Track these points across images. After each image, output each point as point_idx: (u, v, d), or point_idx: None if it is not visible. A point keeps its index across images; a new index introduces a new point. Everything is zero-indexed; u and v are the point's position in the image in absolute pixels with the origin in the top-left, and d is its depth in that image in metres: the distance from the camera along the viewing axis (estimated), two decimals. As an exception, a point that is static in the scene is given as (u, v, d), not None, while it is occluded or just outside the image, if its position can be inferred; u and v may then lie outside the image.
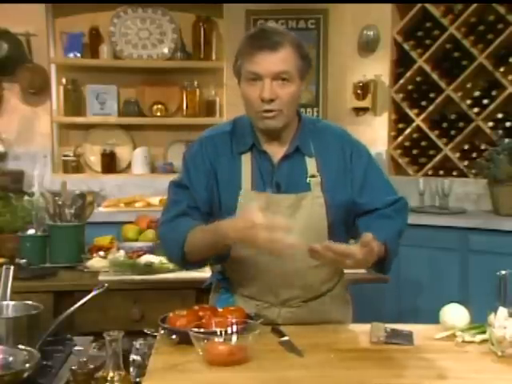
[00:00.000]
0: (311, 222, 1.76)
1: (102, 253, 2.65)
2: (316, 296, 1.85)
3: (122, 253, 2.59)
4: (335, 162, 1.81)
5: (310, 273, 1.79)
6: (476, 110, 4.12)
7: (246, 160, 1.79)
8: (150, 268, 2.46)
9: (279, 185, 1.77)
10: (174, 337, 1.59)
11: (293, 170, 1.79)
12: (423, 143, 4.36)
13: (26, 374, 1.40)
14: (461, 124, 4.21)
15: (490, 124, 4.09)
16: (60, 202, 2.60)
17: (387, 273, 1.81)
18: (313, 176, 1.78)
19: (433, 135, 4.29)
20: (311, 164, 1.79)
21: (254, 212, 1.56)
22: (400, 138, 4.42)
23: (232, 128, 1.84)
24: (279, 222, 1.57)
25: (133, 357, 1.55)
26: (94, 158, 4.64)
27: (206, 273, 2.25)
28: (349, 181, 1.81)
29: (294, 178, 1.78)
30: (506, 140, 3.86)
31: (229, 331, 1.52)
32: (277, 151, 1.80)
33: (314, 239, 1.65)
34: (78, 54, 4.48)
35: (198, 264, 1.86)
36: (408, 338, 1.67)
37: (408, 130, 4.38)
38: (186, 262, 1.81)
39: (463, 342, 1.65)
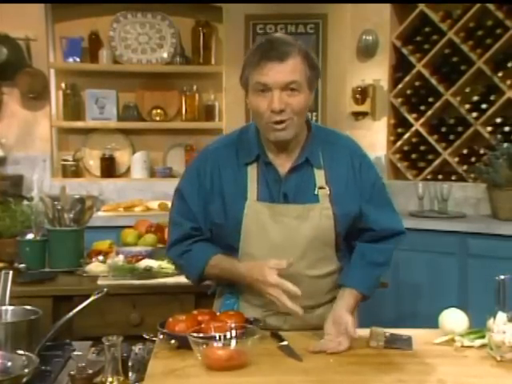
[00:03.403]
0: (319, 233, 1.76)
1: (101, 257, 2.65)
2: (322, 303, 1.84)
3: (121, 257, 2.58)
4: (344, 173, 1.80)
5: (318, 281, 1.80)
6: (475, 114, 4.13)
7: (252, 171, 1.79)
8: (149, 272, 2.46)
9: (286, 195, 1.77)
10: (173, 341, 1.59)
11: (301, 181, 1.78)
12: (422, 147, 4.37)
13: (24, 379, 1.40)
14: (460, 128, 4.22)
15: (489, 128, 4.10)
16: (59, 207, 2.60)
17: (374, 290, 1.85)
18: (321, 187, 1.77)
19: (432, 140, 4.29)
20: (320, 175, 1.78)
21: (271, 271, 1.64)
22: (399, 143, 4.43)
23: (238, 138, 1.85)
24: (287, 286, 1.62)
25: (132, 362, 1.55)
26: (93, 162, 4.64)
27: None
28: (358, 192, 1.80)
29: (301, 189, 1.78)
30: (505, 144, 3.86)
31: (228, 336, 1.52)
32: (283, 162, 1.79)
33: (321, 250, 1.76)
34: (78, 59, 4.49)
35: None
36: (407, 342, 1.67)
37: (407, 135, 4.39)
38: (202, 282, 1.91)
39: (462, 346, 1.65)
